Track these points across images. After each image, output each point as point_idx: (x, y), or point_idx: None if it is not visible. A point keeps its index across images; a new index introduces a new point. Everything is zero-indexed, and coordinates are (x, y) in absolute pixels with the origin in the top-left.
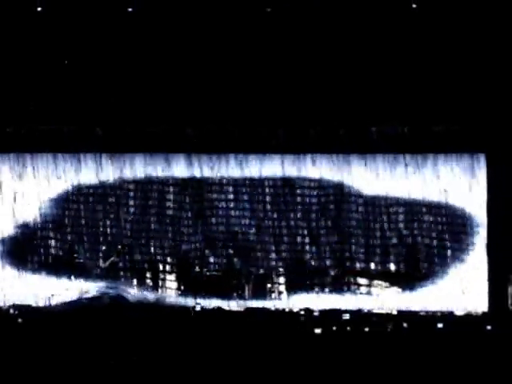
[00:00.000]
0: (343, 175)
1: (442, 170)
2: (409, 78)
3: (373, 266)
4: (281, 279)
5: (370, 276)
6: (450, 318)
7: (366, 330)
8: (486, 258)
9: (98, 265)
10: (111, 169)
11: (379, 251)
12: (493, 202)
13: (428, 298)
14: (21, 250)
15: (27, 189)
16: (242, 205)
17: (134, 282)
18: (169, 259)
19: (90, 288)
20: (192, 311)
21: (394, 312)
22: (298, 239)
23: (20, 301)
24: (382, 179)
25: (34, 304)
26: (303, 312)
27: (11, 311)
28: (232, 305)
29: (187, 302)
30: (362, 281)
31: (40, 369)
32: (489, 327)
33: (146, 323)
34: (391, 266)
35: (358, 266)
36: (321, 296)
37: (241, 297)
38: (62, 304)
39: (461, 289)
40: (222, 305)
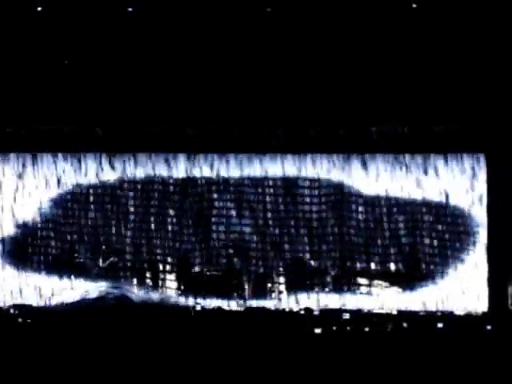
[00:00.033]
0: (343, 175)
1: (442, 169)
2: (409, 78)
3: (373, 265)
4: (281, 279)
5: (370, 276)
6: (450, 317)
7: (366, 329)
8: (485, 258)
9: (98, 264)
10: (111, 169)
11: (379, 251)
12: (493, 202)
13: (428, 298)
14: (21, 250)
15: (27, 188)
16: (242, 205)
17: (134, 281)
18: (169, 259)
19: (91, 288)
20: (192, 311)
21: (394, 312)
22: (298, 239)
23: (19, 300)
24: (381, 179)
25: (34, 304)
26: (303, 312)
27: (11, 311)
28: (232, 304)
29: (188, 302)
30: (362, 281)
31: (40, 369)
32: (489, 327)
33: (147, 323)
34: (391, 265)
35: (358, 265)
36: (321, 296)
37: (241, 296)
38: (63, 304)
39: (461, 289)
40: (223, 304)
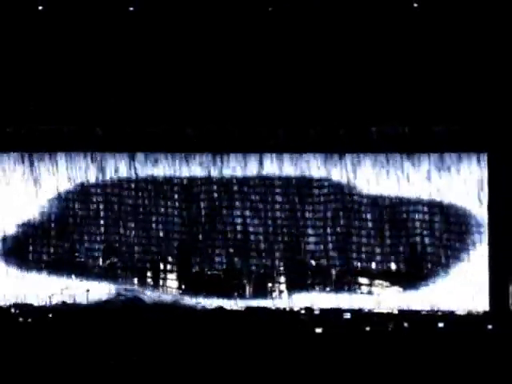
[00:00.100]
0: (344, 175)
1: (443, 169)
2: (410, 78)
3: (374, 265)
4: (282, 278)
5: (371, 275)
6: (451, 317)
7: (367, 329)
8: (487, 258)
9: (98, 264)
10: (111, 168)
11: (380, 251)
12: (494, 202)
13: (429, 298)
14: (21, 249)
15: (27, 188)
16: (242, 204)
17: (135, 281)
18: (169, 258)
19: (92, 288)
20: (193, 310)
21: (395, 311)
22: (299, 238)
23: (20, 300)
24: (382, 179)
25: (35, 303)
26: (304, 311)
27: (12, 310)
28: (233, 304)
29: (188, 302)
30: (363, 280)
31: (40, 369)
32: (490, 326)
33: (147, 323)
34: (392, 265)
35: (359, 265)
36: (322, 295)
37: (242, 296)
38: (64, 304)
39: (462, 288)
40: (223, 304)
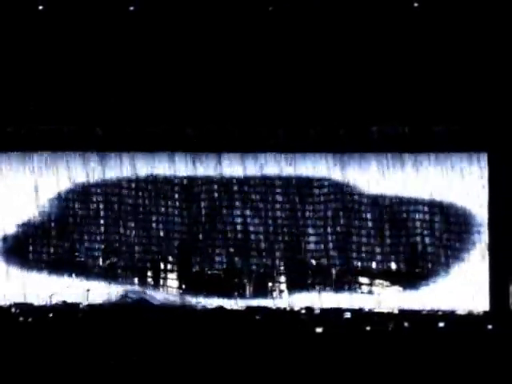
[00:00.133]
0: (344, 174)
1: (444, 169)
2: (410, 78)
3: (374, 264)
4: (282, 278)
5: (372, 275)
6: (451, 317)
7: (368, 328)
8: (487, 257)
9: (98, 264)
10: (112, 168)
11: (380, 250)
12: (494, 202)
13: (429, 297)
14: (21, 249)
15: (28, 188)
16: (242, 204)
17: (139, 282)
18: (170, 258)
19: (91, 287)
20: (193, 310)
21: (396, 311)
22: (299, 238)
23: (20, 299)
24: (382, 179)
25: (35, 303)
26: (304, 311)
27: (12, 310)
28: (233, 303)
29: (188, 301)
30: (364, 280)
31: (40, 369)
32: (490, 326)
33: (147, 323)
34: (392, 264)
35: (359, 264)
36: (322, 295)
37: (242, 295)
38: (65, 303)
39: (462, 288)
40: (223, 303)
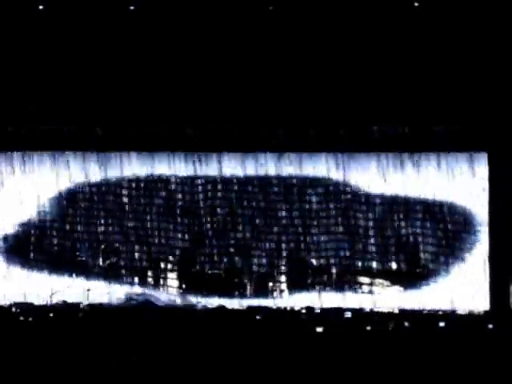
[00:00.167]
0: (344, 174)
1: (444, 168)
2: (410, 78)
3: (375, 264)
4: (282, 278)
5: (372, 275)
6: (451, 316)
7: (368, 328)
8: (487, 257)
9: (98, 264)
10: (112, 168)
11: (381, 250)
12: (495, 201)
13: (430, 297)
14: (22, 249)
15: (28, 187)
16: (242, 204)
17: (135, 280)
18: (170, 258)
19: (92, 286)
20: (194, 310)
21: (396, 311)
22: (300, 238)
23: (20, 299)
24: (383, 178)
25: (35, 302)
26: (305, 310)
27: (13, 309)
28: (234, 303)
29: (189, 301)
30: (364, 279)
31: (40, 368)
32: (490, 326)
33: (148, 323)
34: (393, 264)
35: (359, 264)
36: (322, 294)
37: (243, 295)
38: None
39: (463, 288)
40: (224, 303)
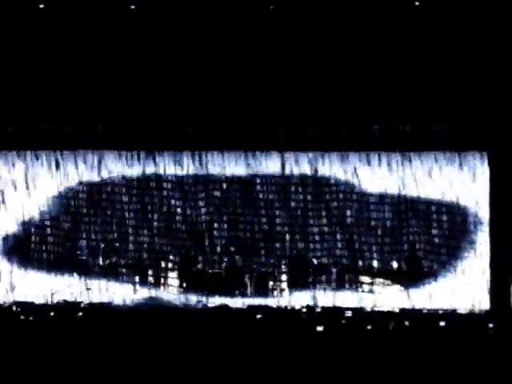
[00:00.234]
0: (345, 173)
1: (444, 168)
2: (410, 77)
3: (375, 263)
4: (283, 276)
5: (372, 273)
6: (452, 315)
7: (369, 327)
8: (488, 256)
9: (99, 263)
10: (112, 168)
11: (381, 249)
12: (495, 201)
13: (430, 296)
14: (22, 248)
15: (29, 187)
16: (243, 203)
17: (136, 279)
18: (170, 257)
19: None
20: (194, 309)
21: (397, 310)
22: (300, 236)
23: (21, 298)
24: (383, 178)
25: (36, 302)
26: (305, 309)
27: (13, 309)
28: (234, 302)
29: (190, 301)
30: (365, 278)
31: (41, 368)
32: (491, 325)
33: (148, 322)
34: (393, 263)
35: (360, 263)
36: (323, 293)
37: (242, 294)
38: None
39: (463, 287)
40: (224, 302)
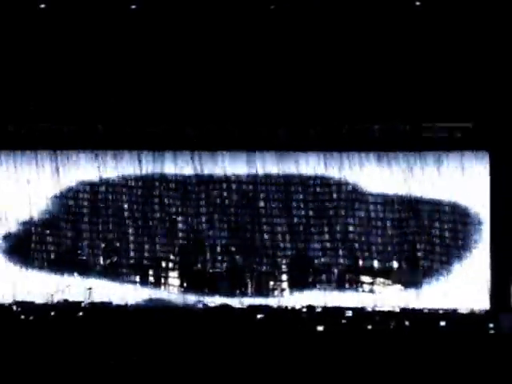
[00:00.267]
0: (345, 173)
1: (445, 168)
2: (411, 78)
3: (376, 263)
4: (284, 277)
5: (373, 274)
6: (452, 315)
7: (369, 327)
8: (488, 257)
9: (99, 263)
10: (112, 167)
11: (382, 249)
12: (496, 201)
13: (431, 296)
14: (23, 248)
15: (28, 187)
16: (243, 203)
17: (137, 279)
18: (171, 257)
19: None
20: (195, 309)
21: (397, 310)
22: (301, 237)
23: (21, 298)
24: (384, 177)
25: (36, 301)
26: (306, 309)
27: (14, 308)
28: (235, 302)
29: (190, 301)
30: (365, 278)
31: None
32: (491, 325)
33: (148, 322)
34: (394, 264)
35: (360, 263)
36: (323, 293)
37: (244, 294)
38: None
39: (463, 287)
40: (225, 302)
